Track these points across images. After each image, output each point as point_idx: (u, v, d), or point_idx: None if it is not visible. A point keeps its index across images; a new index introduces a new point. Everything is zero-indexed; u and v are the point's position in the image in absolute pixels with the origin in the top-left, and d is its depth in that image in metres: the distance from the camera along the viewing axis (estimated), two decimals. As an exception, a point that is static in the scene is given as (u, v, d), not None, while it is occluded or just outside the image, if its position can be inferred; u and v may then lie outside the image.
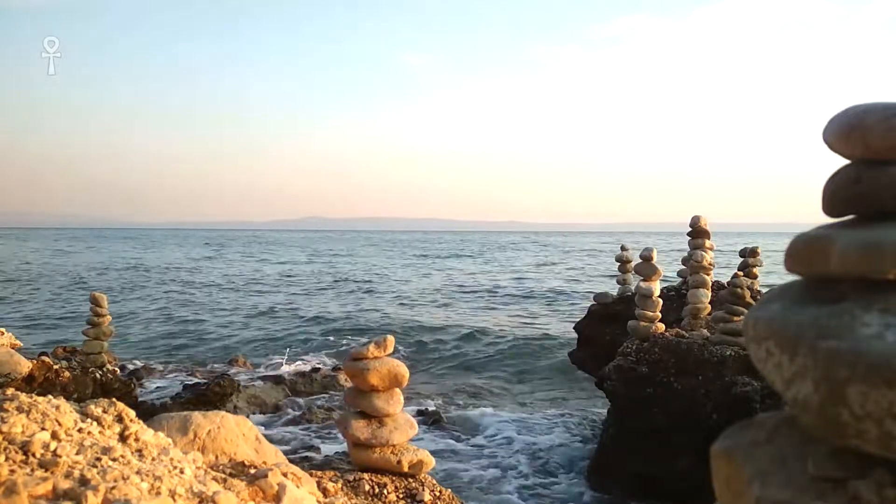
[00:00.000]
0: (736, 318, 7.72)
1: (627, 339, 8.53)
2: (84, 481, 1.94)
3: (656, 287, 8.52)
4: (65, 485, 1.89)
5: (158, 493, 2.00)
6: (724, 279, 10.55)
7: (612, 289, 12.65)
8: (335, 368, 13.92)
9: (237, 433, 3.35)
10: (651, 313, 8.35)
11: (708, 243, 9.37)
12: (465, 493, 8.24)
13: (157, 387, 13.00)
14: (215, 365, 15.01)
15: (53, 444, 2.11)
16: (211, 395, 10.83)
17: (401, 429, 4.16)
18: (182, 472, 2.23)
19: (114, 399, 2.65)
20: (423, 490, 3.90)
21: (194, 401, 10.19)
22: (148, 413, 5.99)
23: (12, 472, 1.92)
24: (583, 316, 12.94)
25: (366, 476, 3.93)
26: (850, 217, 0.83)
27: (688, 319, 8.87)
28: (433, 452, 4.40)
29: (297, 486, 2.71)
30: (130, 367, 13.88)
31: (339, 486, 3.60)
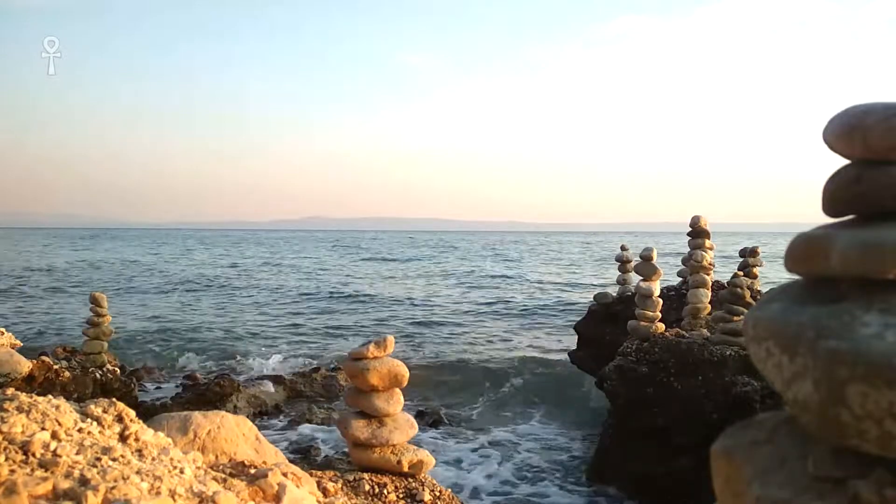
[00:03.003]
0: (736, 318, 7.72)
1: (627, 339, 8.54)
2: (84, 481, 1.94)
3: (656, 287, 8.52)
4: (65, 485, 1.89)
5: (158, 493, 2.00)
6: (725, 279, 10.56)
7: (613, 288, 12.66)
8: (335, 368, 13.93)
9: (237, 433, 3.35)
10: (651, 313, 8.36)
11: (708, 243, 9.38)
12: (465, 492, 8.25)
13: (157, 387, 13.01)
14: (215, 365, 15.03)
15: (53, 444, 2.11)
16: (211, 395, 10.84)
17: (401, 429, 4.16)
18: (182, 471, 2.23)
19: (114, 399, 2.65)
20: (423, 490, 3.90)
21: (194, 401, 10.20)
22: (148, 413, 6.00)
23: (12, 472, 1.93)
24: (583, 316, 12.96)
25: (366, 476, 3.93)
26: (850, 217, 0.83)
27: (688, 319, 8.87)
28: (433, 452, 4.41)
29: (297, 486, 2.71)
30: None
31: (339, 486, 3.60)
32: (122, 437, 2.40)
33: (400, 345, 15.42)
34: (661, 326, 8.42)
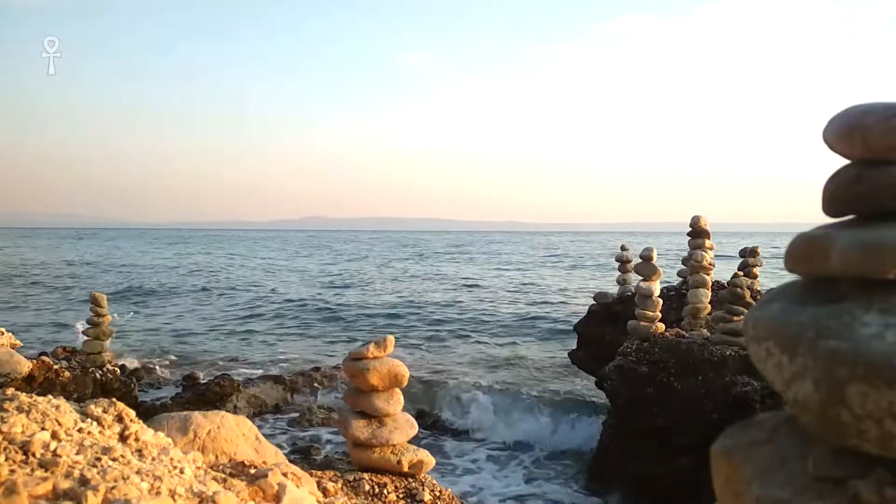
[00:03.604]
0: (736, 318, 7.72)
1: (627, 339, 8.53)
2: (84, 481, 1.94)
3: (656, 287, 8.52)
4: (65, 485, 1.89)
5: (158, 493, 2.00)
6: (725, 279, 10.55)
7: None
8: (335, 368, 13.93)
9: (237, 433, 3.35)
10: (651, 313, 8.35)
11: (708, 243, 9.37)
12: (465, 493, 8.25)
13: (157, 387, 13.01)
14: (215, 364, 15.02)
15: (53, 444, 2.11)
16: (211, 395, 10.84)
17: (401, 429, 4.16)
18: (182, 471, 2.23)
19: (114, 399, 2.65)
20: (423, 490, 3.90)
21: (194, 401, 10.20)
22: (148, 413, 6.00)
23: (12, 472, 1.92)
24: (583, 316, 12.96)
25: (366, 476, 3.93)
26: (850, 217, 0.83)
27: (688, 319, 8.87)
28: (433, 452, 4.40)
29: (297, 486, 2.71)
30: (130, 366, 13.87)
31: (339, 486, 3.60)
32: (122, 437, 2.40)
33: (399, 346, 15.42)
34: (661, 326, 8.41)
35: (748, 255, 10.12)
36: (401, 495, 3.83)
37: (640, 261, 8.87)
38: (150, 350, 16.45)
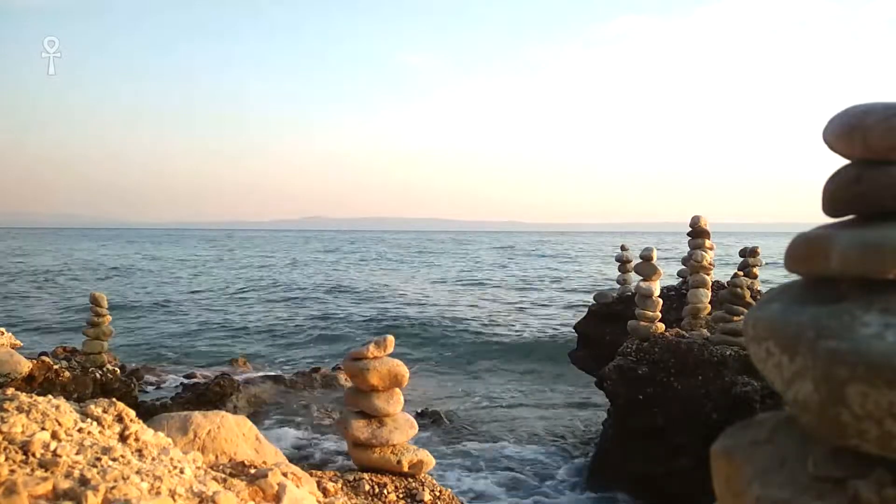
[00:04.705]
0: (736, 318, 7.71)
1: (627, 339, 8.53)
2: (84, 481, 1.94)
3: (656, 287, 8.51)
4: (65, 485, 1.89)
5: (158, 493, 2.00)
6: (725, 279, 10.54)
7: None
8: (335, 368, 13.94)
9: (237, 433, 3.35)
10: (651, 313, 8.34)
11: (708, 243, 9.37)
12: (465, 492, 8.24)
13: (157, 387, 13.01)
14: (215, 365, 15.02)
15: (53, 444, 2.11)
16: (211, 395, 10.83)
17: (401, 429, 4.16)
18: (182, 471, 2.23)
19: (114, 399, 2.65)
20: (423, 490, 3.90)
21: (194, 401, 10.20)
22: (148, 413, 5.99)
23: (12, 471, 1.92)
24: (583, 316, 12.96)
25: (366, 476, 3.93)
26: (851, 217, 0.83)
27: (688, 319, 8.87)
28: (432, 452, 4.40)
29: (297, 486, 2.71)
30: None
31: (339, 486, 3.60)
32: (122, 437, 2.40)
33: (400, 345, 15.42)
34: (661, 326, 8.41)
35: (748, 255, 10.11)
36: (401, 495, 3.83)
37: (640, 261, 8.86)
38: (151, 350, 16.45)
